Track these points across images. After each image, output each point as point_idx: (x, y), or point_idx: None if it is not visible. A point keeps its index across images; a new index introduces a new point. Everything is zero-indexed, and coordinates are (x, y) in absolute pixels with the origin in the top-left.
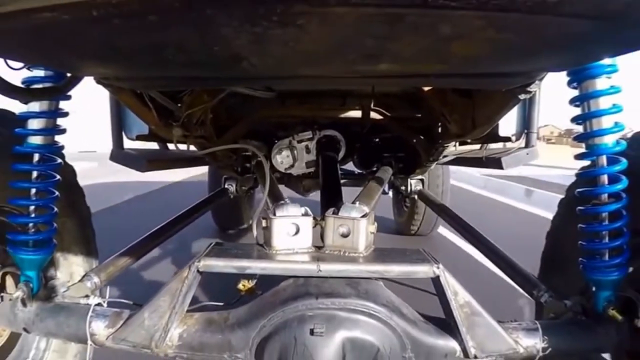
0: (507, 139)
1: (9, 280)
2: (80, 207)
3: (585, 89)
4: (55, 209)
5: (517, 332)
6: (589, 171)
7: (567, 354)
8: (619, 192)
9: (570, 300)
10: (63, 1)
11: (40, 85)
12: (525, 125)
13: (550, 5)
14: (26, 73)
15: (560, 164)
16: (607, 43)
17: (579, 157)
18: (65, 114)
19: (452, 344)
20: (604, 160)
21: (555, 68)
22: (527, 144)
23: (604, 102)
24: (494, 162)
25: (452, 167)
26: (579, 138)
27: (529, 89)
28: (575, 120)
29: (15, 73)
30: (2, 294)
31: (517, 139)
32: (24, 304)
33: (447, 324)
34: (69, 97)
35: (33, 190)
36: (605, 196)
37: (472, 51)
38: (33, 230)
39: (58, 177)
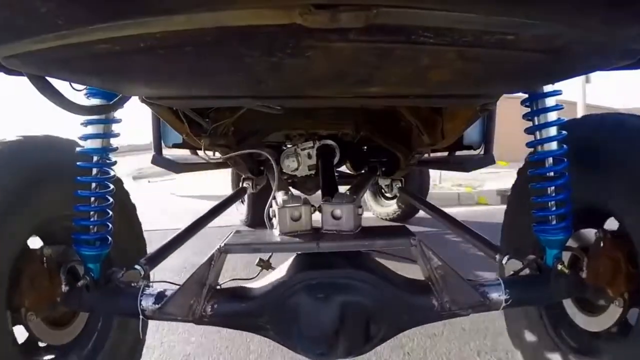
0: (469, 147)
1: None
2: (129, 210)
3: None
4: (111, 212)
5: (483, 287)
6: (538, 155)
7: (526, 304)
8: (563, 171)
9: (526, 260)
10: (115, 34)
11: (97, 103)
12: (484, 136)
13: (507, 42)
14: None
15: None
16: (550, 72)
17: (530, 144)
18: (117, 135)
19: (431, 300)
20: (550, 146)
21: (509, 90)
22: (486, 152)
23: (548, 102)
24: (460, 166)
25: None
26: (529, 130)
27: (487, 107)
28: (525, 116)
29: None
30: (71, 283)
31: (477, 147)
32: (88, 290)
33: (426, 285)
34: (119, 121)
35: (92, 199)
36: (552, 174)
37: (444, 77)
38: (93, 231)
39: (112, 186)
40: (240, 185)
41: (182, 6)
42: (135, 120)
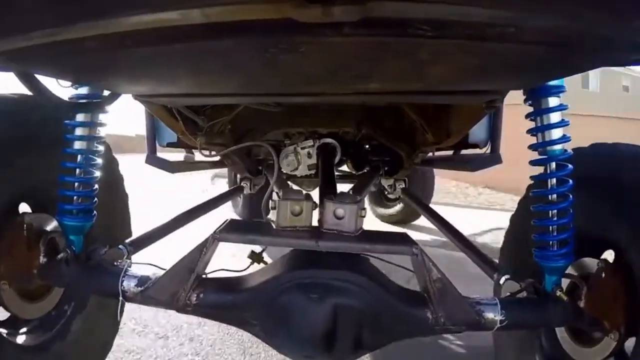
0: (475, 146)
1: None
2: (118, 187)
3: (539, 106)
4: (96, 185)
5: (479, 306)
6: (540, 175)
7: (521, 327)
8: (566, 193)
9: (524, 282)
10: (103, 32)
11: (84, 100)
12: (491, 134)
13: (509, 35)
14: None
15: None
16: (559, 66)
17: (533, 162)
18: (106, 111)
19: (426, 313)
20: (553, 166)
21: (516, 86)
22: (493, 150)
23: (554, 117)
24: (465, 165)
25: None
26: (533, 147)
27: (493, 104)
28: (530, 131)
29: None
30: (50, 255)
31: (484, 146)
32: (67, 263)
33: (422, 297)
34: (107, 111)
35: (77, 170)
36: (554, 196)
37: (444, 72)
38: (77, 201)
39: (99, 159)
40: (239, 184)
41: (171, 2)
42: None
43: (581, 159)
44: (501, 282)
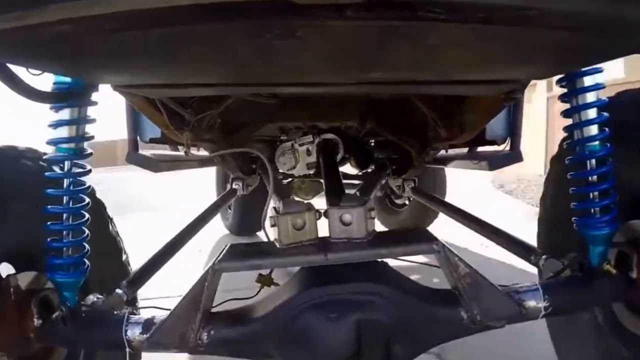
0: (493, 142)
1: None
2: (107, 227)
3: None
4: (87, 231)
5: (519, 294)
6: (577, 140)
7: (568, 310)
8: (605, 157)
9: (566, 259)
10: (78, 14)
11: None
12: (510, 129)
13: (530, 19)
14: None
15: None
16: (589, 52)
17: (566, 129)
18: (91, 137)
19: (459, 313)
20: (590, 130)
21: (539, 75)
22: (512, 147)
23: (588, 81)
24: (482, 164)
25: None
26: (566, 113)
27: (513, 95)
28: (562, 98)
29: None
30: (44, 315)
31: (502, 142)
32: (64, 322)
33: (453, 295)
34: (93, 121)
35: (65, 215)
36: (593, 161)
37: (459, 60)
38: (67, 253)
39: (87, 200)
40: (230, 187)
41: None
42: None
43: (609, 107)
44: (541, 263)
